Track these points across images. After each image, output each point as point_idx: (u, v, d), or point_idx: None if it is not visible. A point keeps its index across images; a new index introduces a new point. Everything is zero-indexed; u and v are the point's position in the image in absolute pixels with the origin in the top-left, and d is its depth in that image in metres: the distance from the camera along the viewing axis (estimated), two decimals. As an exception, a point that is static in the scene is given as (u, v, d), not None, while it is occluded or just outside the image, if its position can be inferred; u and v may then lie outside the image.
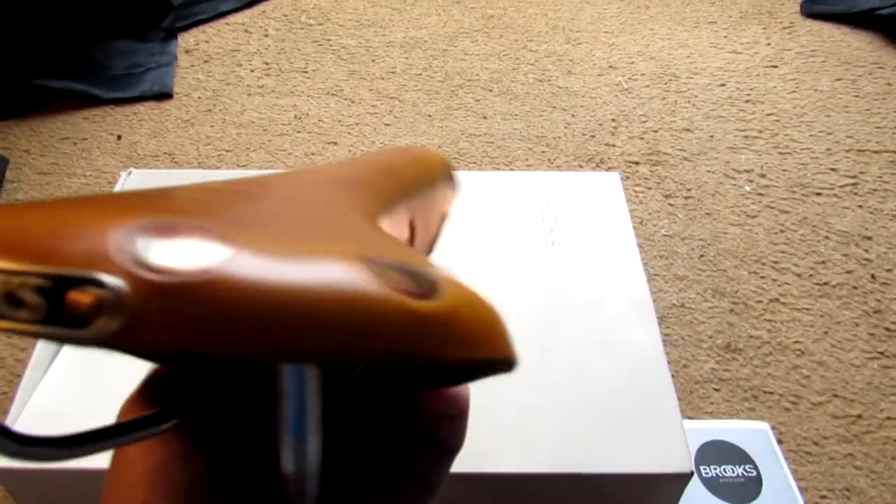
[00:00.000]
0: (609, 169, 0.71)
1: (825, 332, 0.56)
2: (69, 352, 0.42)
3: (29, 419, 0.38)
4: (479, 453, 0.37)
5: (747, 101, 0.79)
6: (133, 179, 0.52)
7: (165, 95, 0.80)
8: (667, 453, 0.37)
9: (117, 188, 0.51)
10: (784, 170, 0.70)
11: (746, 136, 0.74)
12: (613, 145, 0.73)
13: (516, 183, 0.52)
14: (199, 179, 0.52)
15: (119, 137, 0.75)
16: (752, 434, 0.48)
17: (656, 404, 0.39)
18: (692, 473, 0.37)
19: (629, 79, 0.82)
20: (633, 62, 0.85)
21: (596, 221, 0.49)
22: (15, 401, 0.39)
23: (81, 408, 0.39)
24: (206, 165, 0.71)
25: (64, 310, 0.12)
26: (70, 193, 0.69)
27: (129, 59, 0.84)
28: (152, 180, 0.52)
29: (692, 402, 0.52)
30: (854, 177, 0.69)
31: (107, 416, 0.39)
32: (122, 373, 0.40)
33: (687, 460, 0.37)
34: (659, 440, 0.38)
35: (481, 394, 0.40)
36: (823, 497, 0.47)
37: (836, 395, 0.52)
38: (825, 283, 0.59)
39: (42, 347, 0.41)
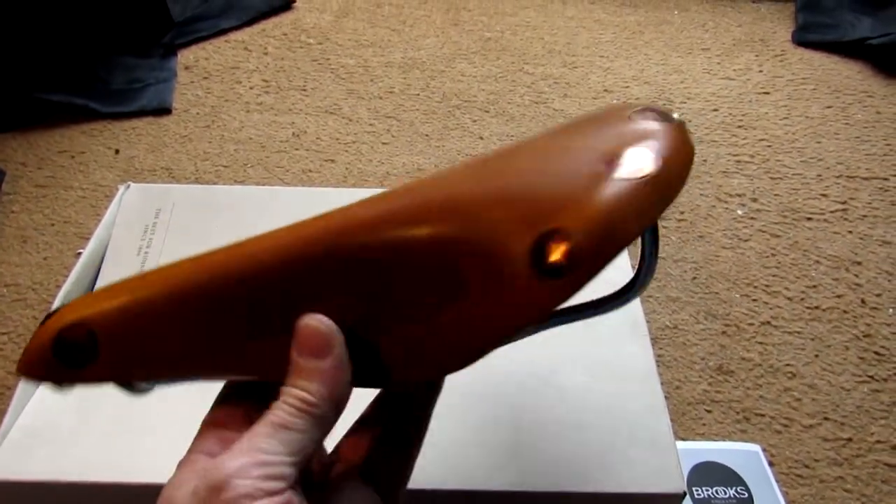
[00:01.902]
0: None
1: (816, 356, 0.56)
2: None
3: (21, 433, 0.38)
4: (472, 471, 0.37)
5: (740, 127, 0.80)
6: (131, 194, 0.52)
7: (164, 111, 0.81)
8: (659, 474, 0.38)
9: (114, 203, 0.51)
10: (775, 194, 0.71)
11: (739, 161, 0.75)
12: (608, 168, 0.74)
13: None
14: (199, 195, 0.52)
15: (117, 152, 0.75)
16: (743, 456, 0.48)
17: (649, 425, 0.39)
18: (685, 494, 0.37)
19: (624, 102, 0.83)
20: (627, 86, 0.86)
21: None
22: (7, 414, 0.39)
23: (75, 422, 0.39)
24: (204, 181, 0.72)
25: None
26: (66, 206, 0.69)
27: (128, 75, 0.84)
28: (150, 195, 0.52)
29: (684, 424, 0.52)
30: (844, 202, 0.70)
31: (100, 429, 0.39)
32: (111, 388, 0.40)
33: (679, 481, 0.37)
34: (652, 460, 0.38)
35: (476, 413, 0.40)
36: (814, 520, 0.47)
37: (826, 418, 0.52)
38: (816, 307, 0.60)
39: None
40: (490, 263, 0.24)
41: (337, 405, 0.25)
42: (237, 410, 0.27)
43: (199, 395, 0.39)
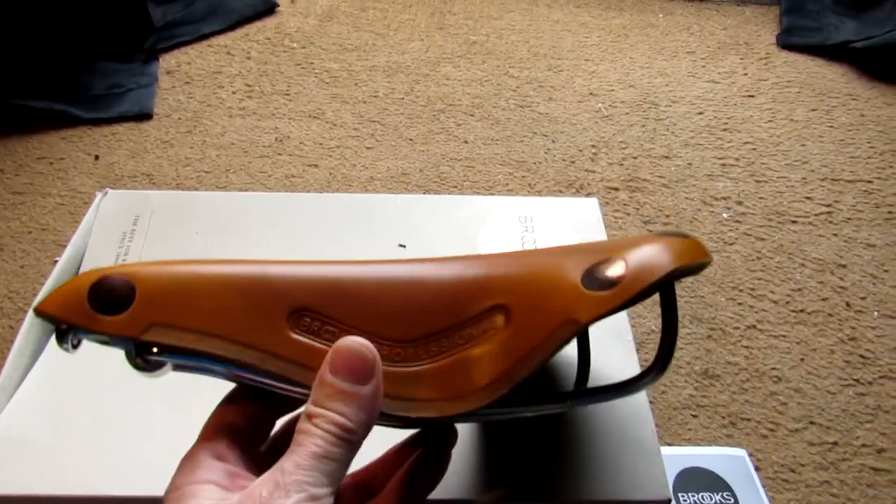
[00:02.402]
0: (589, 195, 0.71)
1: (801, 359, 0.56)
2: (39, 371, 0.41)
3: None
4: (455, 481, 0.36)
5: (725, 130, 0.80)
6: (109, 200, 0.51)
7: (145, 116, 0.80)
8: (644, 480, 0.37)
9: (92, 209, 0.50)
10: (760, 197, 0.71)
11: (724, 164, 0.75)
12: (593, 171, 0.74)
13: (496, 207, 0.52)
14: (178, 201, 0.52)
15: (97, 158, 0.74)
16: (729, 461, 0.48)
17: (634, 431, 0.39)
18: (670, 501, 0.37)
19: (609, 106, 0.83)
20: (612, 90, 0.86)
21: (575, 247, 0.49)
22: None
23: (48, 434, 0.38)
24: (185, 187, 0.71)
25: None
26: (44, 213, 0.68)
27: (109, 80, 0.83)
28: (128, 201, 0.51)
29: (670, 429, 0.51)
30: (829, 205, 0.70)
31: (77, 435, 0.38)
32: (91, 393, 0.39)
33: (665, 487, 0.37)
34: (637, 467, 0.38)
35: (460, 424, 0.40)
36: (801, 525, 0.47)
37: (812, 422, 0.52)
38: (801, 311, 0.60)
39: (11, 366, 0.40)
40: (539, 291, 0.27)
41: (369, 431, 0.24)
42: (249, 410, 0.27)
43: (175, 406, 0.39)
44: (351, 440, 0.23)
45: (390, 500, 0.27)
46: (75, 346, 0.28)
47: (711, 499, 0.45)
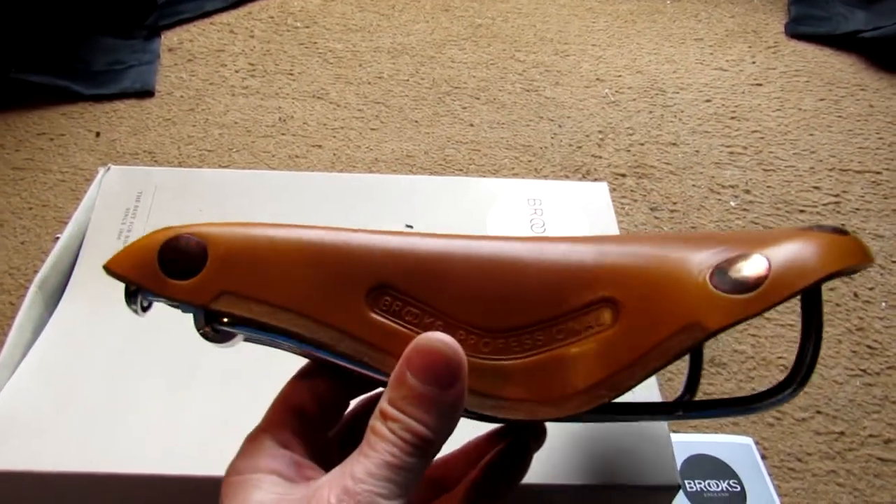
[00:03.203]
0: (595, 180, 0.70)
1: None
2: (40, 348, 0.40)
3: (-6, 420, 0.36)
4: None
5: (732, 118, 0.79)
6: (111, 176, 0.50)
7: (147, 93, 0.79)
8: (654, 466, 0.37)
9: (94, 185, 0.49)
10: (768, 186, 0.71)
11: (732, 152, 0.75)
12: (600, 157, 0.73)
13: (505, 190, 0.51)
14: (182, 178, 0.51)
15: (98, 134, 0.73)
16: (736, 449, 0.48)
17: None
18: (679, 487, 0.37)
19: (616, 92, 0.82)
20: (620, 75, 0.85)
21: (584, 231, 0.49)
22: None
23: (50, 410, 0.37)
24: (187, 165, 0.70)
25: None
26: (45, 189, 0.67)
27: (110, 56, 0.82)
28: (132, 177, 0.50)
29: (676, 416, 0.51)
30: (837, 195, 0.70)
31: (79, 413, 0.37)
32: (93, 370, 0.39)
33: (674, 473, 0.37)
34: (646, 453, 0.37)
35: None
36: (807, 514, 0.47)
37: (819, 412, 0.52)
38: (808, 300, 0.60)
39: (12, 343, 0.40)
40: (657, 286, 0.23)
41: (448, 437, 0.22)
42: (322, 389, 0.25)
43: (177, 383, 0.38)
44: (428, 451, 0.21)
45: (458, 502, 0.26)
46: (144, 309, 0.25)
47: (718, 486, 0.45)
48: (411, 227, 0.48)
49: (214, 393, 0.38)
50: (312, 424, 0.25)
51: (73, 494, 0.36)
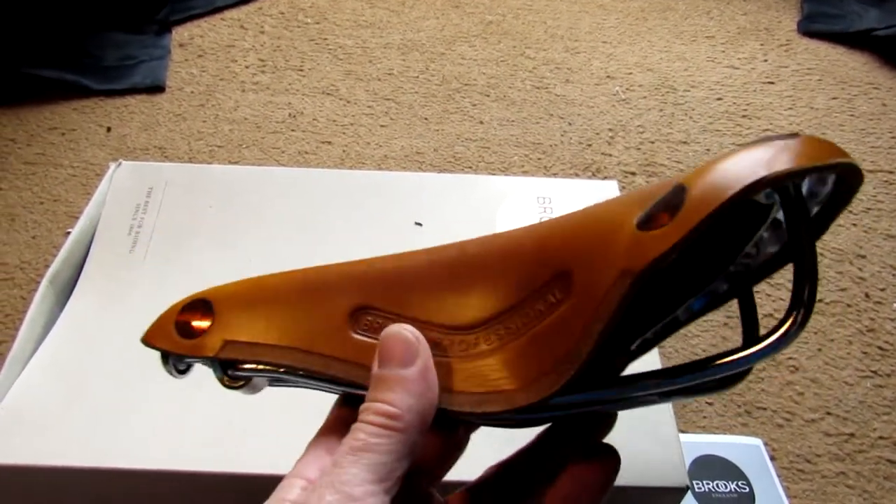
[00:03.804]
0: (605, 178, 0.70)
1: (819, 350, 0.56)
2: (51, 342, 0.40)
3: (4, 416, 0.37)
4: (478, 463, 0.36)
5: (744, 116, 0.79)
6: (122, 172, 0.50)
7: (157, 89, 0.79)
8: (662, 467, 0.37)
9: (105, 180, 0.50)
10: (779, 185, 0.70)
11: (742, 151, 0.74)
12: (610, 155, 0.73)
13: (514, 187, 0.51)
14: (193, 174, 0.51)
15: (108, 129, 0.74)
16: (745, 449, 0.48)
17: (653, 417, 0.38)
18: (688, 488, 0.36)
19: (627, 89, 0.82)
20: (630, 73, 0.85)
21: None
22: (-9, 394, 0.38)
23: (59, 405, 0.37)
24: (198, 160, 0.70)
25: None
26: (56, 184, 0.67)
27: (121, 51, 0.83)
28: (142, 173, 0.50)
29: (685, 416, 0.51)
30: (849, 195, 0.69)
31: (84, 413, 0.37)
32: (103, 365, 0.39)
33: (682, 475, 0.36)
34: (654, 453, 0.37)
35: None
36: (815, 516, 0.46)
37: (829, 413, 0.52)
38: (819, 301, 0.59)
39: (23, 337, 0.40)
40: (593, 246, 0.22)
41: (423, 419, 0.22)
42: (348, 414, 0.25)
43: (186, 381, 0.38)
44: (397, 427, 0.21)
45: None
46: (181, 371, 0.29)
47: (726, 487, 0.45)
48: (420, 224, 0.48)
49: (222, 391, 0.38)
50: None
51: (82, 489, 0.37)
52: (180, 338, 0.27)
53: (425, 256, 0.27)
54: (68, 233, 0.58)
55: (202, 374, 0.36)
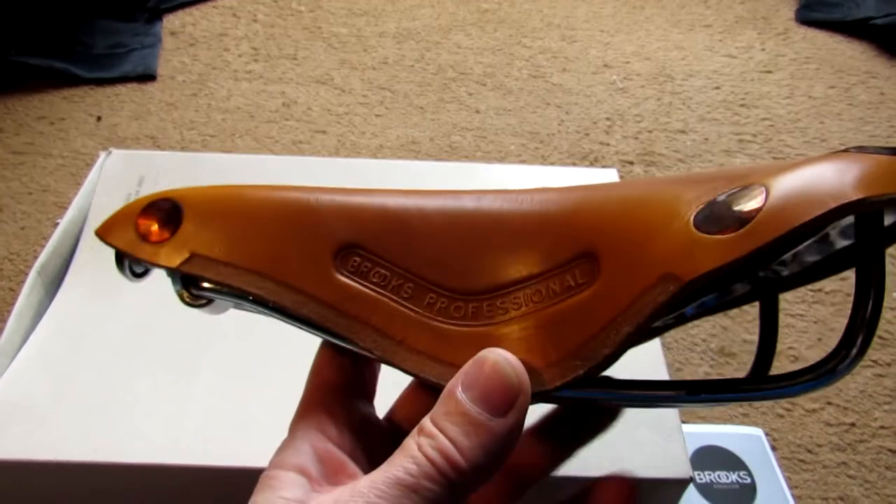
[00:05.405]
0: (604, 167, 0.69)
1: (819, 339, 0.55)
2: (40, 334, 0.39)
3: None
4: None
5: (742, 105, 0.78)
6: (113, 160, 0.49)
7: (149, 77, 0.78)
8: (665, 458, 0.36)
9: (95, 169, 0.49)
10: (778, 174, 0.70)
11: (741, 140, 0.74)
12: (608, 144, 0.72)
13: (512, 176, 0.51)
14: (185, 162, 0.50)
15: (99, 118, 0.73)
16: (746, 440, 0.47)
17: (655, 409, 0.38)
18: (691, 479, 0.36)
19: (624, 78, 0.81)
20: (628, 62, 0.84)
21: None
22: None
23: (50, 399, 0.36)
24: (190, 150, 0.69)
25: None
26: (45, 174, 0.66)
27: (111, 39, 0.81)
28: (133, 162, 0.49)
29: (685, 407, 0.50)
30: (848, 184, 0.69)
31: (79, 401, 0.36)
32: (93, 357, 0.38)
33: (686, 466, 0.36)
34: (657, 445, 0.36)
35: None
36: (817, 506, 0.46)
37: (829, 403, 0.51)
38: (819, 290, 0.59)
39: (11, 329, 0.39)
40: (636, 233, 0.19)
41: (484, 479, 0.19)
42: (340, 359, 0.23)
43: (179, 371, 0.38)
44: (455, 481, 0.18)
45: None
46: (137, 275, 0.25)
47: (728, 478, 0.44)
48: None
49: (215, 381, 0.37)
50: (345, 399, 0.23)
51: (73, 483, 0.36)
52: (140, 240, 0.24)
53: (433, 202, 0.23)
54: (57, 223, 0.57)
55: (196, 363, 0.35)
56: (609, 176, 0.51)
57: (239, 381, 0.37)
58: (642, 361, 0.40)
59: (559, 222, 0.22)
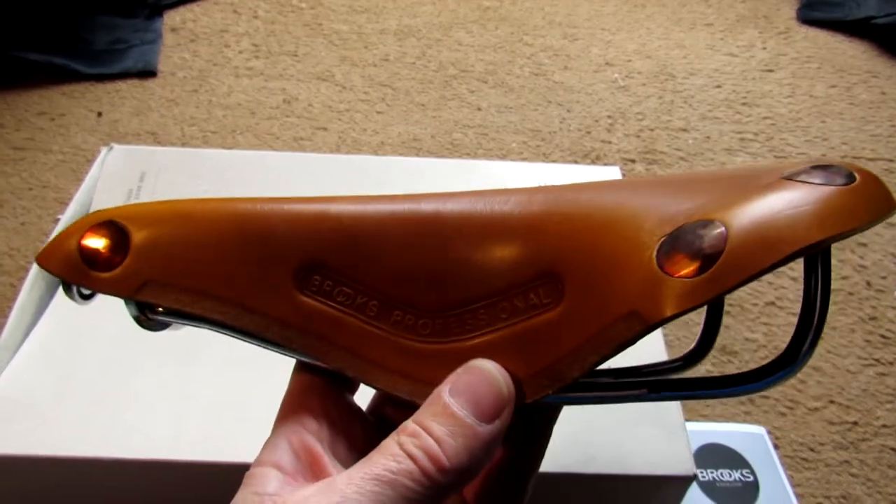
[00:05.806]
0: (605, 165, 0.69)
1: (821, 338, 0.55)
2: (42, 329, 0.39)
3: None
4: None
5: (743, 104, 0.78)
6: (114, 156, 0.49)
7: (149, 73, 0.77)
8: (669, 455, 0.36)
9: (96, 165, 0.48)
10: (780, 173, 0.70)
11: (742, 139, 0.73)
12: (609, 142, 0.72)
13: (514, 173, 0.50)
14: (187, 158, 0.50)
15: (99, 114, 0.72)
16: (748, 438, 0.47)
17: (658, 406, 0.38)
18: (694, 476, 0.36)
19: (626, 76, 0.81)
20: (629, 60, 0.84)
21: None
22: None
23: (51, 394, 0.36)
24: (191, 146, 0.69)
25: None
26: (45, 170, 0.66)
27: (112, 35, 0.81)
28: (135, 157, 0.49)
29: (688, 405, 0.50)
30: (849, 183, 0.69)
31: (81, 396, 0.36)
32: (95, 352, 0.38)
33: (689, 463, 0.36)
34: (661, 442, 0.36)
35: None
36: (819, 505, 0.46)
37: (832, 401, 0.51)
38: (821, 288, 0.59)
39: (13, 324, 0.39)
40: (601, 261, 0.20)
41: (465, 482, 0.19)
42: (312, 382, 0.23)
43: (181, 367, 0.37)
44: (437, 481, 0.18)
45: None
46: (85, 297, 0.24)
47: (730, 475, 0.44)
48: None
49: (216, 378, 0.37)
50: (327, 394, 0.22)
51: (74, 479, 0.36)
52: (86, 267, 0.22)
53: (391, 209, 0.22)
54: (58, 219, 0.57)
55: (196, 359, 0.35)
56: (611, 173, 0.51)
57: (239, 376, 0.37)
58: (644, 361, 0.40)
59: (521, 233, 0.21)
